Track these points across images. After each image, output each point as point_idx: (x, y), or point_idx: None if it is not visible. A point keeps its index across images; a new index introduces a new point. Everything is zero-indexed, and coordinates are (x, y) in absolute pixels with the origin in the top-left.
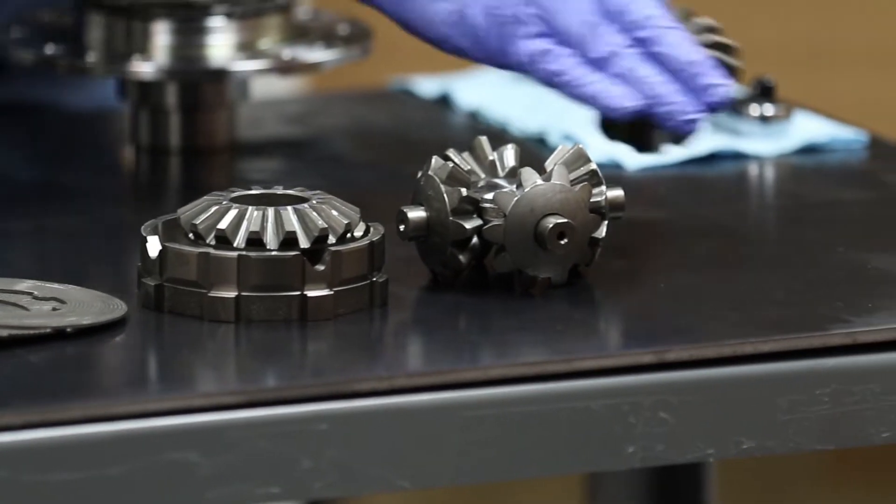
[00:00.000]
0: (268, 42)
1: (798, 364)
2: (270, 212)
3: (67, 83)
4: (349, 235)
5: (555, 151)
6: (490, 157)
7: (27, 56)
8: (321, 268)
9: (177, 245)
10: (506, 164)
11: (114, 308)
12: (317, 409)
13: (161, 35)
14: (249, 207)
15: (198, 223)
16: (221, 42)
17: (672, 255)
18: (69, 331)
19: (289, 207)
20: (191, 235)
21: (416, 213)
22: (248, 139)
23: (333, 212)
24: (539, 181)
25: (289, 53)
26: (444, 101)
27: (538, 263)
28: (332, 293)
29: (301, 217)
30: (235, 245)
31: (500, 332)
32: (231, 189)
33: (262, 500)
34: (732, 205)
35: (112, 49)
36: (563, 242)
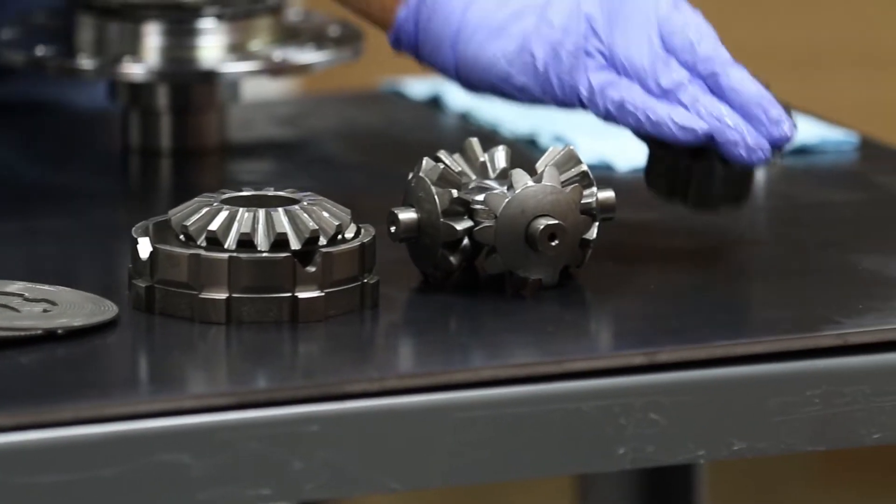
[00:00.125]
0: (258, 43)
1: (789, 365)
2: (261, 213)
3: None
4: (340, 237)
5: (546, 153)
6: (481, 159)
7: (18, 57)
8: (312, 269)
9: (167, 246)
10: (497, 166)
11: (105, 310)
12: (308, 411)
13: (152, 36)
14: (240, 209)
15: (189, 225)
16: (212, 43)
17: (663, 257)
18: (60, 332)
19: (280, 209)
20: (182, 237)
21: (407, 215)
22: (239, 141)
23: (324, 213)
24: (530, 183)
25: (279, 55)
26: (435, 103)
27: (529, 265)
28: (323, 294)
29: (292, 218)
30: (226, 246)
31: (491, 334)
32: (222, 190)
33: (254, 502)
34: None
35: (103, 50)
36: (554, 244)
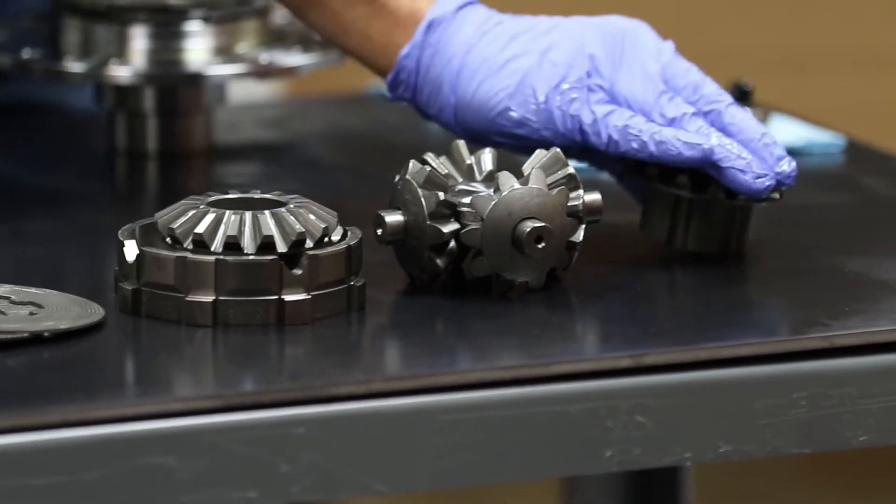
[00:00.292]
0: (245, 46)
1: (775, 368)
2: (248, 216)
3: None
4: (326, 239)
5: (532, 155)
6: (467, 161)
7: (4, 60)
8: (298, 272)
9: (154, 249)
10: (483, 168)
11: (91, 312)
12: (294, 413)
13: (138, 39)
14: (227, 212)
15: (175, 227)
16: (198, 46)
17: (649, 260)
18: (46, 335)
19: (266, 212)
20: (168, 240)
21: (394, 217)
22: (226, 143)
23: (311, 216)
24: (516, 185)
25: (266, 58)
26: None
27: (515, 267)
28: (310, 297)
29: (278, 221)
30: (213, 249)
31: (478, 336)
32: (208, 193)
33: None
34: None
35: (89, 53)
36: (541, 246)
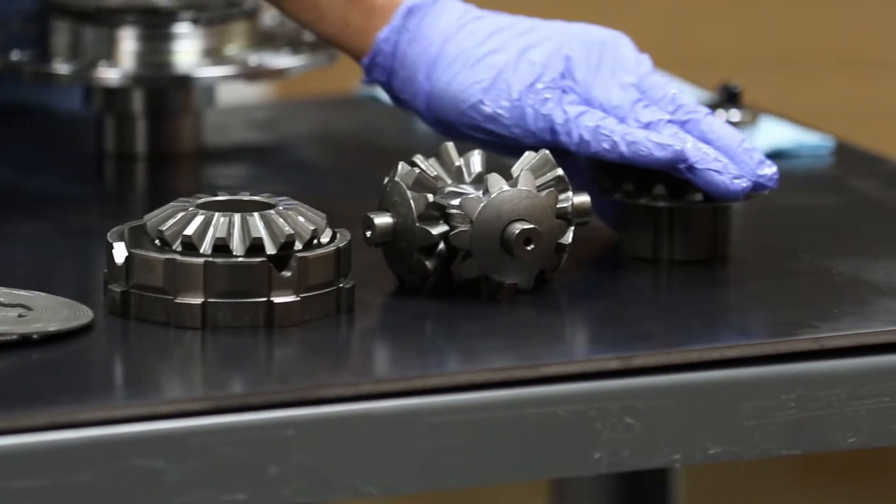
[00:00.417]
0: (234, 48)
1: (764, 369)
2: (237, 218)
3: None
4: (315, 241)
5: (521, 157)
6: (456, 163)
7: None
8: (287, 274)
9: (143, 251)
10: (472, 170)
11: (80, 315)
12: (283, 416)
13: (127, 41)
14: (216, 214)
15: (164, 229)
16: (187, 48)
17: (638, 262)
18: (35, 337)
19: (255, 214)
20: (157, 242)
21: (383, 220)
22: (215, 145)
23: (300, 218)
24: (505, 187)
25: (255, 60)
26: None
27: (504, 269)
28: (299, 299)
29: (267, 223)
30: (202, 251)
31: (467, 338)
32: (197, 195)
33: None
34: None
35: (78, 55)
36: (530, 248)
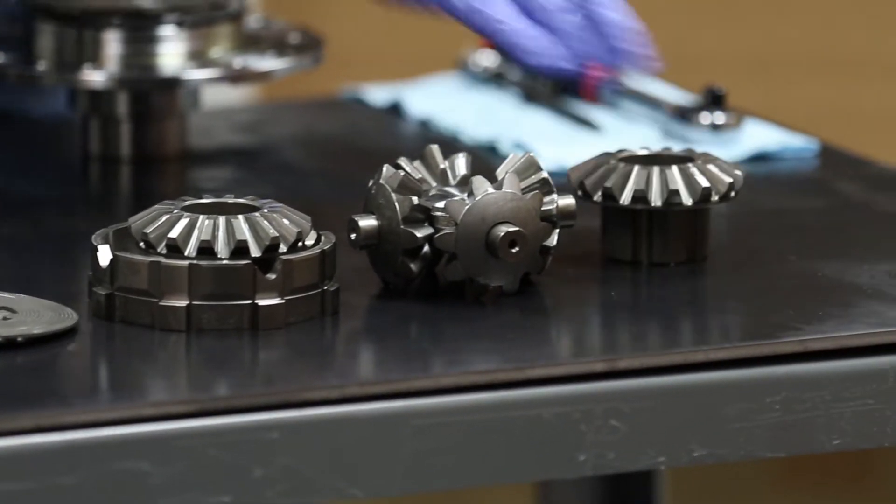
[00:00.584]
0: (219, 51)
1: (749, 372)
2: (221, 220)
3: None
4: (300, 244)
5: (506, 160)
6: (441, 166)
7: None
8: (272, 276)
9: (128, 254)
10: (457, 173)
11: (64, 317)
12: (268, 418)
13: (112, 44)
14: (200, 216)
15: (149, 232)
16: (172, 51)
17: (623, 264)
18: (20, 340)
19: (240, 216)
20: (142, 244)
21: (368, 222)
22: (200, 148)
23: (284, 220)
24: (490, 189)
25: (240, 62)
26: (395, 110)
27: (489, 272)
28: (284, 302)
29: (252, 226)
30: (186, 254)
31: (452, 341)
32: (182, 198)
33: None
34: None
35: (62, 58)
36: (515, 251)
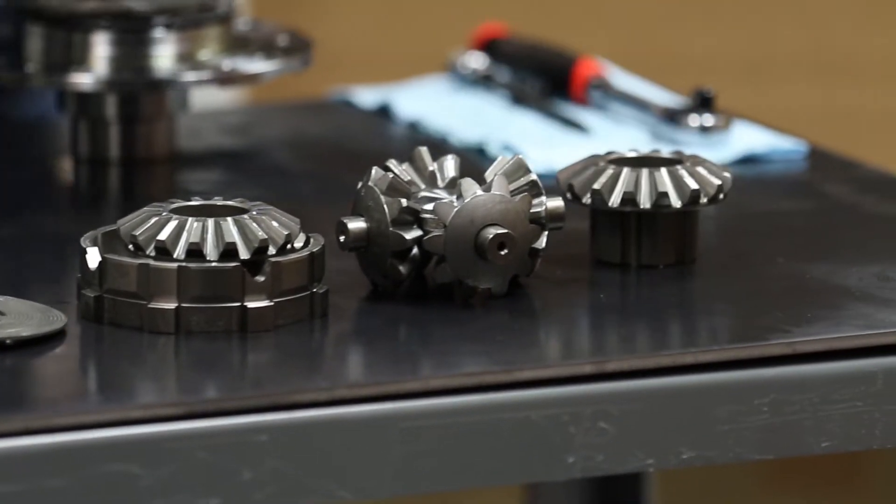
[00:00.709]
0: (208, 53)
1: (737, 374)
2: (210, 223)
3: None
4: (289, 246)
5: (495, 162)
6: (430, 168)
7: None
8: (261, 279)
9: (116, 256)
10: (446, 175)
11: (53, 319)
12: (257, 421)
13: (101, 46)
14: (189, 218)
15: (137, 234)
16: (161, 53)
17: (611, 266)
18: (8, 342)
19: (229, 218)
20: (131, 247)
21: (357, 224)
22: (188, 150)
23: (273, 223)
24: (479, 192)
25: (229, 64)
26: (384, 112)
27: (478, 274)
28: (273, 304)
29: (241, 228)
30: (175, 256)
31: (441, 343)
32: (171, 200)
33: None
34: None
35: (52, 60)
36: (504, 253)
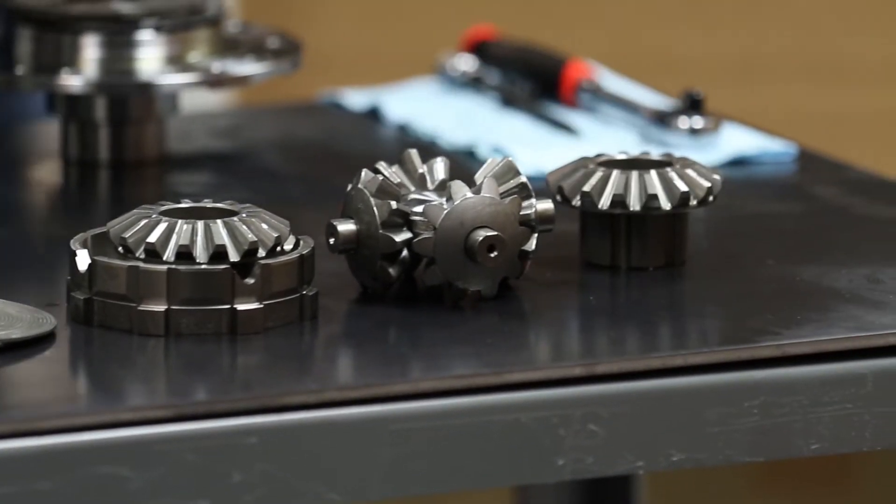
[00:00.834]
0: (197, 55)
1: (727, 376)
2: (200, 225)
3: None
4: (279, 249)
5: (484, 164)
6: (420, 170)
7: None
8: (251, 281)
9: (106, 259)
10: (435, 177)
11: (43, 322)
12: (247, 423)
13: (90, 48)
14: (179, 221)
15: (127, 237)
16: (151, 55)
17: (601, 269)
18: None
19: (218, 221)
20: (120, 249)
21: (346, 227)
22: (178, 152)
23: (263, 225)
24: (469, 194)
25: (218, 67)
26: (374, 115)
27: (468, 276)
28: (262, 306)
29: (231, 230)
30: (165, 258)
31: (430, 345)
32: (160, 202)
33: None
34: None
35: (41, 62)
36: (493, 255)
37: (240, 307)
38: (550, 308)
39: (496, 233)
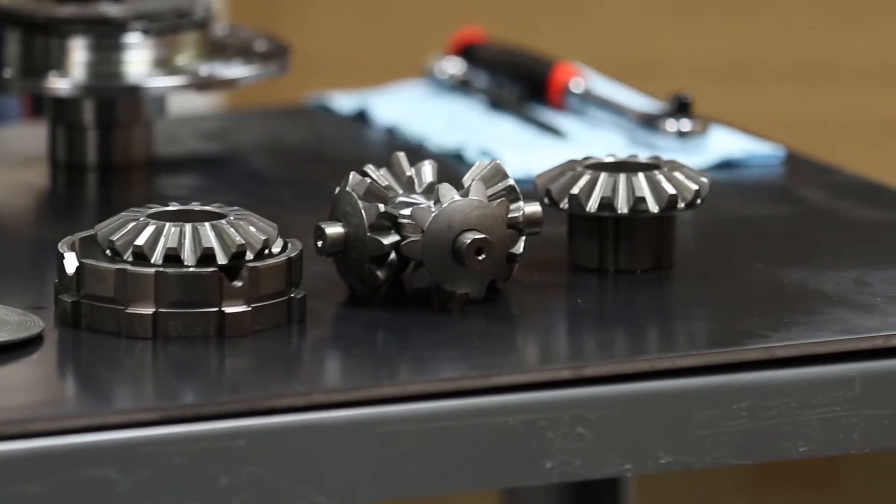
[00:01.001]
0: (185, 58)
1: (715, 379)
2: (188, 228)
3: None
4: (267, 251)
5: (472, 167)
6: (407, 173)
7: None
8: (239, 284)
9: (94, 261)
10: (423, 180)
11: (31, 325)
12: (234, 426)
13: (78, 51)
14: (167, 224)
15: (115, 239)
16: (138, 58)
17: (589, 271)
18: None
19: (206, 223)
20: (108, 252)
21: (334, 229)
22: (166, 155)
23: (251, 228)
24: (457, 197)
25: (206, 69)
26: (362, 117)
27: (456, 279)
28: (250, 309)
29: (218, 233)
30: (153, 261)
31: (418, 348)
32: (148, 205)
33: None
34: None
35: (28, 65)
36: (481, 258)
37: (228, 310)
38: (538, 311)
39: (484, 236)
